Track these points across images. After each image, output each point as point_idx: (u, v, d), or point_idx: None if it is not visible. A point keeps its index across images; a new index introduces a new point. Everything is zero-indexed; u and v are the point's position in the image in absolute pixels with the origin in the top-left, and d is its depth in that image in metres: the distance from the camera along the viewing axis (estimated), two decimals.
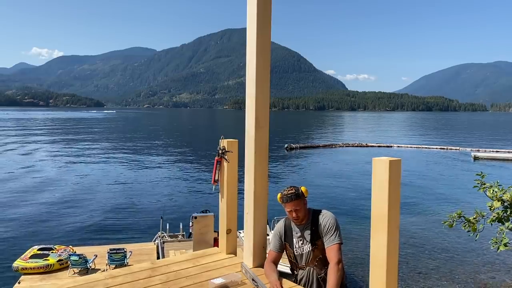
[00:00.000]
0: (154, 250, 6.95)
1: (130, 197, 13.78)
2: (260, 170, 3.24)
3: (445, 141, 38.38)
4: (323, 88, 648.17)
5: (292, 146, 30.43)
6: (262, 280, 2.96)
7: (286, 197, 2.95)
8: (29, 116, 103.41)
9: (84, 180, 16.93)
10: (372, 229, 2.37)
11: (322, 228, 2.92)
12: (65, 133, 46.51)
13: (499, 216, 5.08)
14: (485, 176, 5.35)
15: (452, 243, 8.99)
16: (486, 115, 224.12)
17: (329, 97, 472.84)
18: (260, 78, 3.19)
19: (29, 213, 11.46)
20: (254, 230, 3.25)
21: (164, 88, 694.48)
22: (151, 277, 3.10)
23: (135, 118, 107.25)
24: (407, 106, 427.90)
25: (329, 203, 12.69)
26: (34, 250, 6.10)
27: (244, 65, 3.34)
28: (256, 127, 3.20)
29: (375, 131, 58.94)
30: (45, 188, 15.07)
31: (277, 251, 3.11)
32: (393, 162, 2.28)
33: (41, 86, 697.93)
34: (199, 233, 5.83)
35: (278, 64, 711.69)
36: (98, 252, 6.14)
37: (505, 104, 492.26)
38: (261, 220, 3.30)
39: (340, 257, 2.82)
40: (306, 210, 3.01)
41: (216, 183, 3.63)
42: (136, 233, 9.72)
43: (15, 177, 17.35)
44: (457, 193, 14.86)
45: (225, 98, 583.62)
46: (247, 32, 3.23)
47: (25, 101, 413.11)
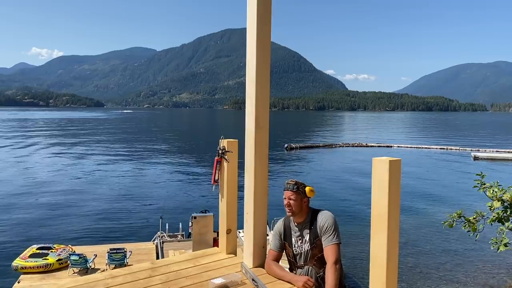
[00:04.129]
0: (154, 250, 6.94)
1: (130, 196, 13.78)
2: (260, 170, 3.24)
3: (445, 141, 38.38)
4: (323, 88, 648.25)
5: (292, 146, 30.43)
6: (262, 280, 2.96)
7: (287, 184, 3.04)
8: (29, 116, 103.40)
9: (83, 179, 16.93)
10: (372, 229, 2.37)
11: (320, 228, 2.93)
12: (65, 133, 46.52)
13: (499, 216, 5.08)
14: (485, 176, 5.35)
15: (452, 243, 8.99)
16: (486, 115, 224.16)
17: (329, 97, 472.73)
18: (260, 78, 3.19)
19: (28, 212, 11.45)
20: (254, 230, 3.26)
21: (164, 88, 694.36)
22: (151, 277, 3.10)
23: (135, 119, 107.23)
24: (407, 106, 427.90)
25: (329, 203, 12.68)
26: (33, 249, 6.09)
27: (244, 65, 3.34)
28: (256, 127, 3.20)
29: (375, 131, 58.94)
30: (44, 188, 15.06)
31: (278, 250, 3.13)
32: (393, 162, 2.28)
33: (41, 86, 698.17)
34: (199, 233, 5.83)
35: (278, 64, 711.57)
36: (97, 252, 6.13)
37: (505, 104, 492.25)
38: (261, 220, 3.30)
39: (338, 257, 2.83)
40: (304, 208, 3.03)
41: (216, 183, 3.63)
42: (136, 232, 9.71)
43: (14, 176, 17.34)
44: (457, 193, 14.85)
45: (225, 98, 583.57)
46: (247, 32, 3.23)
47: (25, 101, 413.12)
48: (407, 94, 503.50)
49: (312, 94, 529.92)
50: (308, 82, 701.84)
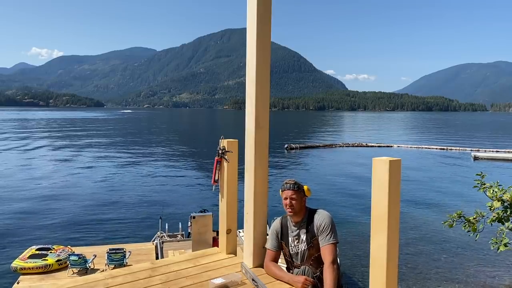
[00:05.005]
0: (153, 250, 6.93)
1: (129, 197, 13.77)
2: (260, 170, 3.24)
3: (445, 141, 38.37)
4: (323, 88, 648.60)
5: (292, 146, 30.42)
6: (262, 280, 2.96)
7: (286, 184, 3.02)
8: (29, 117, 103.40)
9: (83, 180, 16.92)
10: (372, 229, 2.36)
11: (317, 227, 2.93)
12: (64, 134, 46.52)
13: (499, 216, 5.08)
14: (485, 176, 5.35)
15: (452, 243, 8.99)
16: (486, 115, 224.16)
17: (329, 97, 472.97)
18: (260, 78, 3.18)
19: (27, 213, 11.44)
20: (254, 230, 3.25)
21: (164, 88, 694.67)
22: (151, 277, 3.10)
23: (135, 119, 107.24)
24: (407, 106, 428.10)
25: (329, 203, 12.69)
26: (33, 250, 6.08)
27: (244, 65, 3.33)
28: (256, 127, 3.20)
29: (375, 131, 58.95)
30: (43, 188, 15.06)
31: (275, 249, 3.13)
32: (393, 162, 2.28)
33: (41, 86, 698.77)
34: (198, 233, 5.82)
35: (278, 64, 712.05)
36: (97, 252, 6.12)
37: (505, 104, 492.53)
38: (261, 220, 3.30)
39: (334, 256, 2.82)
40: (303, 207, 3.03)
41: (216, 183, 3.63)
42: (135, 233, 9.70)
43: (14, 176, 17.34)
44: (457, 193, 14.85)
45: (225, 98, 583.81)
46: (247, 32, 3.23)
47: (25, 101, 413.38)
48: (407, 94, 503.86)
49: (312, 94, 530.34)
50: (308, 82, 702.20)
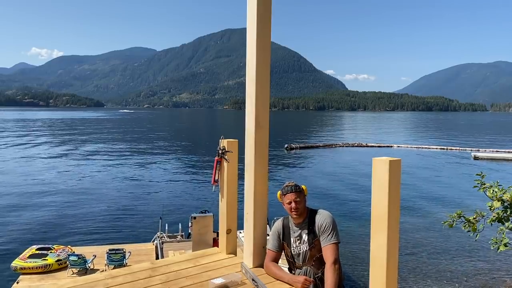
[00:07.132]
0: (153, 250, 6.93)
1: (129, 197, 13.77)
2: (260, 170, 3.23)
3: (445, 141, 38.38)
4: (323, 88, 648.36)
5: (292, 146, 30.42)
6: (262, 280, 2.95)
7: (287, 187, 3.01)
8: (29, 117, 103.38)
9: (82, 180, 16.92)
10: (372, 229, 2.36)
11: (319, 228, 2.92)
12: (64, 134, 46.51)
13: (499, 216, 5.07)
14: (485, 176, 5.34)
15: (452, 243, 8.99)
16: (486, 115, 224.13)
17: (329, 97, 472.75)
18: (260, 78, 3.18)
19: (27, 213, 11.44)
20: (254, 230, 3.25)
21: (164, 88, 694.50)
22: (151, 277, 3.10)
23: (135, 119, 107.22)
24: (407, 106, 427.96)
25: (329, 203, 12.69)
26: (33, 249, 6.08)
27: (244, 65, 3.33)
28: (256, 127, 3.20)
29: (375, 131, 58.93)
30: (43, 188, 15.04)
31: (276, 250, 3.12)
32: (393, 162, 2.27)
33: (41, 86, 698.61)
34: (198, 233, 5.81)
35: (278, 64, 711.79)
36: (96, 252, 6.12)
37: (505, 104, 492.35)
38: (261, 220, 3.30)
39: (336, 257, 2.82)
40: (305, 207, 3.02)
41: (216, 183, 3.63)
42: (135, 233, 9.70)
43: (14, 177, 17.33)
44: (457, 193, 14.85)
45: (225, 98, 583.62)
46: (247, 32, 3.23)
47: (25, 101, 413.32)
48: (407, 94, 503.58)
49: (312, 94, 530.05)
50: (308, 82, 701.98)
